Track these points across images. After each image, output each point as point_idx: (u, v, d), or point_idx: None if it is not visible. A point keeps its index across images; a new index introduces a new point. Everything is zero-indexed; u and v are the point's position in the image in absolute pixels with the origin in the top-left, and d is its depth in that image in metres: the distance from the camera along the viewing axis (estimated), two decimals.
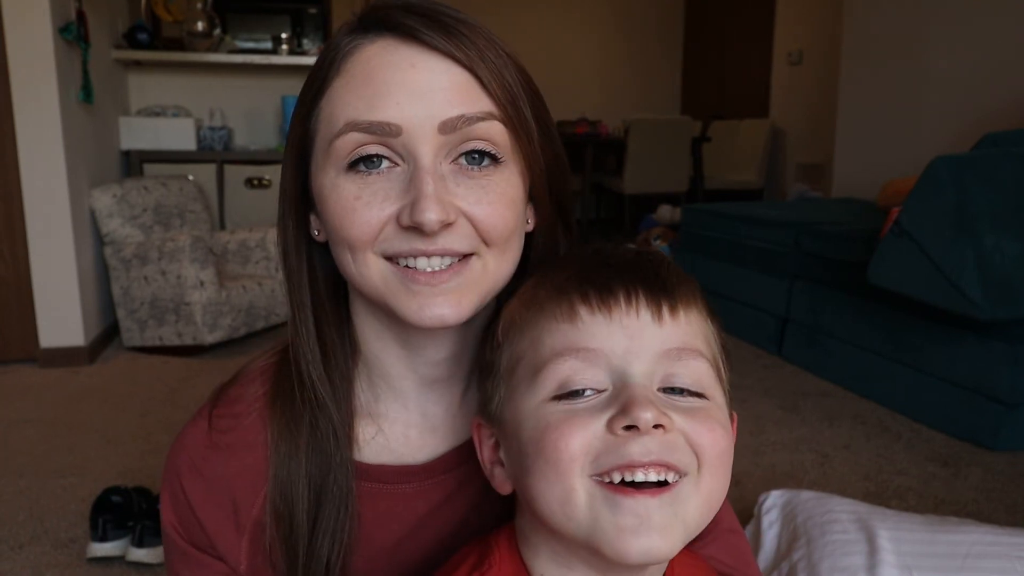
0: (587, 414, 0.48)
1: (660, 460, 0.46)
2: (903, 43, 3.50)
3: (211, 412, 0.65)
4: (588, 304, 0.50)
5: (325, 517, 0.60)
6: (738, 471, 1.96)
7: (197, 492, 0.63)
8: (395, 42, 0.55)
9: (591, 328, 0.50)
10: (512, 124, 0.56)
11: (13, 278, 2.83)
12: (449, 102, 0.54)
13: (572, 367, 0.49)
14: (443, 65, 0.54)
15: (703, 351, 0.52)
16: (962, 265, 1.94)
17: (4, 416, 2.37)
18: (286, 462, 0.61)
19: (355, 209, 0.55)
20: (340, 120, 0.55)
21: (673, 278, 0.53)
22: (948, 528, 1.23)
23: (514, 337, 0.54)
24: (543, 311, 0.52)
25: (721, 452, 0.49)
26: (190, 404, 2.43)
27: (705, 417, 0.49)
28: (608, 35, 6.89)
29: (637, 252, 0.56)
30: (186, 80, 3.75)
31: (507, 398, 0.54)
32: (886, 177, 3.24)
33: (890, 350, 2.39)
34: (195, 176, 3.53)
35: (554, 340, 0.51)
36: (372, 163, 0.55)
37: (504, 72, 0.56)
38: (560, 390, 0.50)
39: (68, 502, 1.81)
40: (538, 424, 0.50)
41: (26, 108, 2.72)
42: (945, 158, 2.05)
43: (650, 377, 0.49)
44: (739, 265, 3.21)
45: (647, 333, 0.50)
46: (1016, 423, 2.04)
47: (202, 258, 2.88)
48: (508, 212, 0.57)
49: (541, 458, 0.49)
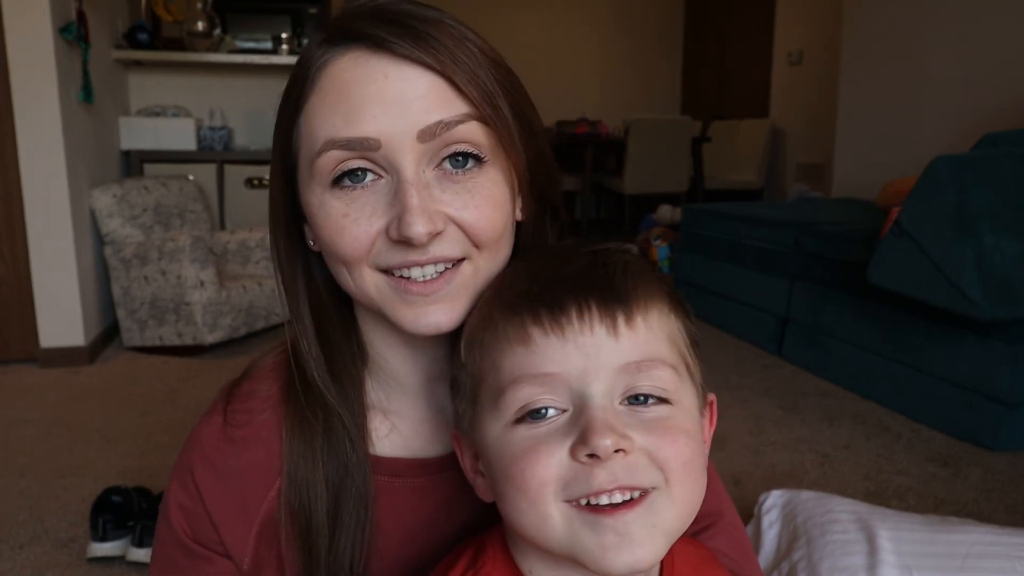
0: (551, 440, 0.48)
1: (625, 485, 0.46)
2: (903, 43, 3.50)
3: (226, 407, 0.65)
4: (540, 326, 0.49)
5: (345, 519, 0.60)
6: (738, 471, 1.96)
7: (208, 483, 0.63)
8: (366, 53, 0.54)
9: (546, 351, 0.49)
10: (492, 123, 0.56)
11: (13, 278, 2.83)
12: (426, 110, 0.53)
13: (530, 392, 0.49)
14: (416, 72, 0.54)
15: (665, 357, 0.51)
16: (962, 265, 1.94)
17: (4, 416, 2.37)
18: (301, 464, 0.61)
19: (344, 227, 0.55)
20: (319, 139, 0.55)
21: (629, 282, 0.51)
22: (948, 528, 1.23)
23: (475, 356, 0.54)
24: (497, 333, 0.52)
25: (686, 462, 0.49)
26: (190, 404, 2.43)
27: (667, 429, 0.49)
28: (608, 35, 6.89)
29: (593, 255, 0.54)
30: (186, 80, 3.75)
31: (474, 420, 0.54)
32: (886, 177, 3.24)
33: (890, 350, 2.39)
34: (195, 176, 3.53)
35: (511, 364, 0.50)
36: (356, 177, 0.55)
37: (478, 72, 0.55)
38: (521, 413, 0.49)
39: (68, 502, 1.81)
40: (504, 451, 0.50)
41: (26, 108, 2.72)
42: (945, 158, 2.05)
43: (610, 394, 0.49)
44: (739, 265, 3.21)
45: (603, 350, 0.49)
46: (1016, 423, 2.04)
47: (202, 258, 2.88)
48: (496, 214, 0.57)
49: (511, 486, 0.49)
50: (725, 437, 2.18)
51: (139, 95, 3.71)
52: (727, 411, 2.39)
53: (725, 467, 1.98)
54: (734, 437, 2.19)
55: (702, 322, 3.46)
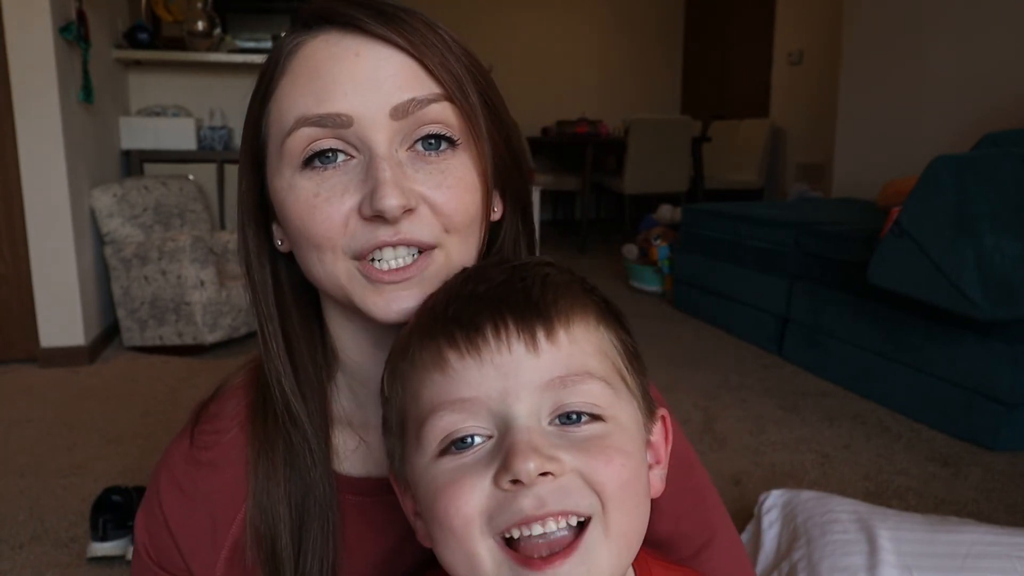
0: (474, 471, 0.45)
1: (556, 510, 0.43)
2: (903, 43, 3.50)
3: (193, 429, 0.64)
4: (456, 348, 0.46)
5: (310, 536, 0.59)
6: (738, 471, 1.96)
7: (175, 508, 0.62)
8: (338, 34, 0.54)
9: (463, 375, 0.46)
10: (462, 105, 0.56)
11: (14, 278, 2.83)
12: (398, 87, 0.53)
13: (451, 420, 0.46)
14: (387, 51, 0.54)
15: (594, 370, 0.47)
16: (962, 265, 1.94)
17: (5, 416, 2.37)
18: (264, 484, 0.59)
19: (315, 207, 0.54)
20: (290, 118, 0.54)
21: (549, 295, 0.48)
22: (948, 528, 1.23)
23: (397, 390, 0.51)
24: (414, 363, 0.49)
25: (624, 484, 0.45)
26: (190, 404, 2.40)
27: (601, 449, 0.45)
28: (608, 35, 6.89)
29: (511, 269, 0.51)
30: (186, 80, 3.75)
31: (403, 457, 0.51)
32: (886, 177, 3.24)
33: (890, 350, 2.39)
34: (195, 176, 3.53)
35: (430, 393, 0.47)
36: (327, 158, 0.54)
37: (448, 56, 0.55)
38: (444, 443, 0.46)
39: (68, 502, 1.81)
40: (429, 488, 0.47)
41: (26, 108, 2.72)
42: (945, 158, 2.05)
43: (536, 415, 0.45)
44: (739, 265, 3.21)
45: (523, 368, 0.46)
46: (1016, 423, 2.04)
47: (202, 258, 2.88)
48: (467, 196, 0.56)
49: (436, 524, 0.46)
50: (725, 437, 2.18)
51: (139, 95, 3.71)
52: (727, 411, 2.39)
53: (725, 467, 1.98)
54: (734, 437, 2.19)
55: (702, 322, 3.46)
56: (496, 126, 0.59)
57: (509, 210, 0.64)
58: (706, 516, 0.69)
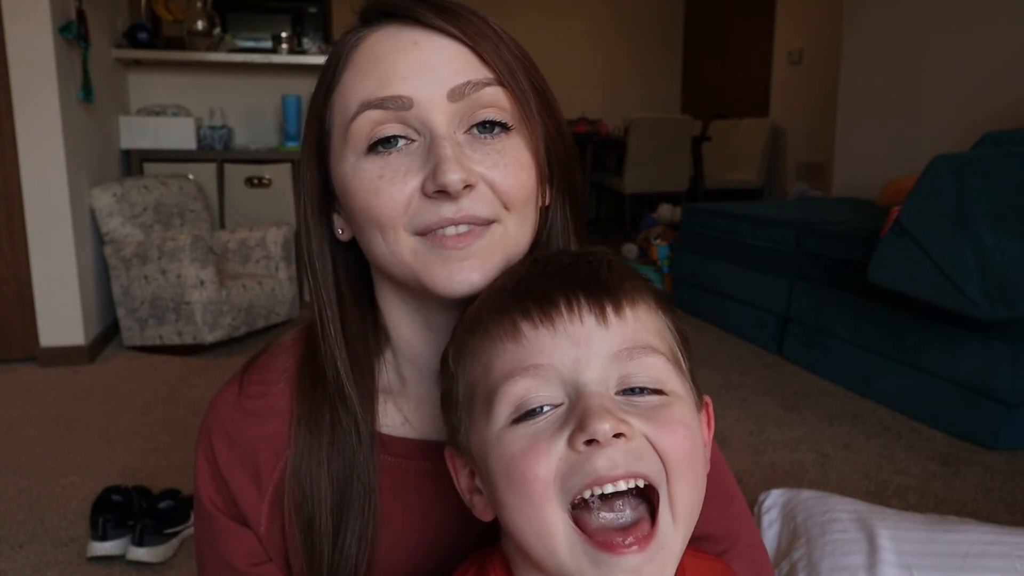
0: (548, 435, 0.47)
1: (627, 472, 0.45)
2: (903, 43, 3.50)
3: (242, 378, 0.67)
4: (530, 319, 0.49)
5: (350, 516, 0.61)
6: (738, 470, 1.96)
7: (223, 450, 0.65)
8: (397, 27, 0.58)
9: (536, 343, 0.48)
10: (514, 90, 0.59)
11: (13, 277, 2.83)
12: (455, 71, 0.57)
13: (524, 386, 0.48)
14: (444, 41, 0.57)
15: (656, 346, 0.50)
16: (962, 265, 1.94)
17: (5, 415, 2.37)
18: (306, 458, 0.62)
19: (379, 188, 0.56)
20: (354, 103, 0.57)
21: (615, 277, 0.52)
22: (948, 527, 1.23)
23: (465, 364, 0.53)
24: (488, 334, 0.51)
25: (687, 454, 0.48)
26: (190, 403, 2.43)
27: (666, 419, 0.48)
28: (608, 34, 6.89)
29: (576, 255, 0.55)
30: (186, 79, 3.75)
31: (471, 429, 0.53)
32: (886, 176, 3.24)
33: (890, 350, 2.39)
34: (195, 175, 3.53)
35: (502, 362, 0.49)
36: (390, 143, 0.57)
37: (499, 45, 0.59)
38: (517, 412, 0.48)
39: (68, 501, 1.81)
40: (503, 454, 0.48)
41: (26, 108, 2.72)
42: (946, 157, 2.05)
43: (605, 383, 0.48)
44: (740, 264, 3.21)
45: (594, 338, 0.48)
46: (1016, 423, 2.04)
47: (202, 257, 2.88)
48: (524, 175, 0.59)
49: (512, 490, 0.47)
50: (725, 436, 2.18)
51: (139, 94, 3.71)
52: (727, 410, 2.39)
53: None
54: (734, 436, 2.19)
55: (702, 321, 3.46)
56: (546, 111, 0.62)
57: (557, 197, 0.66)
58: (732, 519, 0.70)
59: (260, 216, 3.58)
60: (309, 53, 3.76)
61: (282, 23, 4.58)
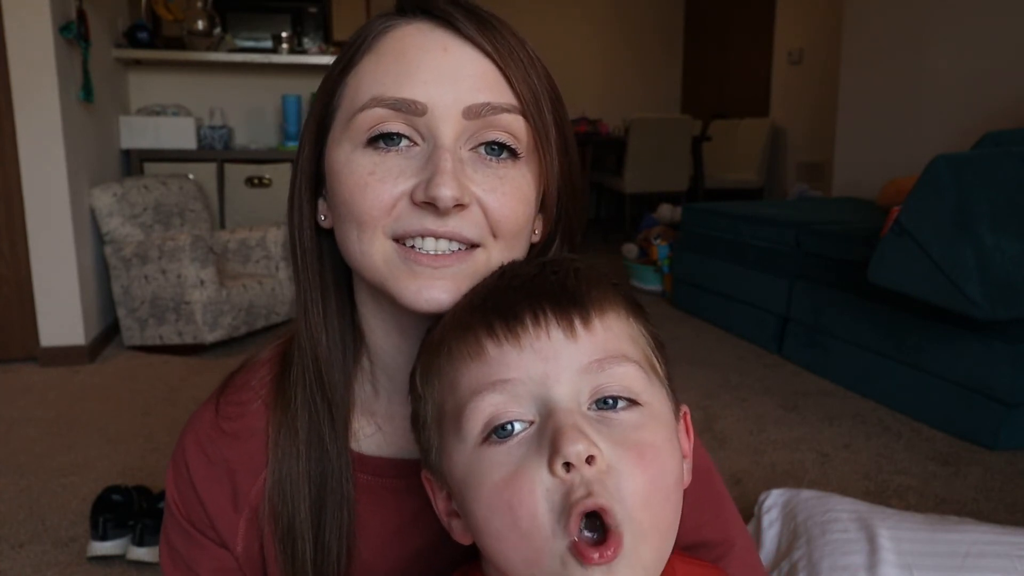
0: (527, 461, 0.45)
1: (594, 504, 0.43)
2: (903, 42, 3.50)
3: (218, 399, 0.66)
4: (494, 337, 0.47)
5: (328, 510, 0.60)
6: (738, 470, 1.96)
7: (200, 471, 0.64)
8: (430, 25, 0.56)
9: (502, 360, 0.47)
10: (534, 121, 0.56)
11: (13, 277, 2.83)
12: (477, 89, 0.54)
13: (492, 401, 0.46)
14: (474, 54, 0.55)
15: (629, 353, 0.49)
16: (962, 265, 1.94)
17: (5, 415, 2.37)
18: (285, 460, 0.61)
19: (368, 185, 0.54)
20: (366, 94, 0.55)
21: (583, 286, 0.50)
22: (948, 527, 1.23)
23: (433, 385, 0.52)
24: (451, 355, 0.50)
25: (655, 477, 0.45)
26: (190, 403, 2.43)
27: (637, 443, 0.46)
28: (608, 34, 6.89)
29: (542, 265, 0.53)
30: (186, 79, 3.75)
31: (442, 449, 0.51)
32: (886, 176, 3.24)
33: (890, 350, 2.39)
34: (195, 175, 3.53)
35: (468, 380, 0.48)
36: (391, 140, 0.55)
37: (530, 72, 0.57)
38: (486, 428, 0.46)
39: (68, 501, 1.81)
40: (482, 480, 0.46)
41: (26, 107, 2.71)
42: (946, 157, 2.05)
43: (576, 398, 0.46)
44: (740, 264, 3.21)
45: (562, 352, 0.47)
46: (1016, 423, 2.04)
47: (202, 257, 2.88)
48: (520, 207, 0.56)
49: (497, 519, 0.45)
50: (725, 436, 2.18)
51: (139, 94, 3.71)
52: (727, 410, 2.39)
53: (725, 466, 1.98)
54: (734, 436, 2.19)
55: (702, 321, 3.46)
56: (563, 149, 0.60)
57: (559, 239, 0.64)
58: (725, 525, 0.70)
59: (260, 216, 3.58)
60: (309, 53, 3.76)
61: (282, 23, 4.57)
